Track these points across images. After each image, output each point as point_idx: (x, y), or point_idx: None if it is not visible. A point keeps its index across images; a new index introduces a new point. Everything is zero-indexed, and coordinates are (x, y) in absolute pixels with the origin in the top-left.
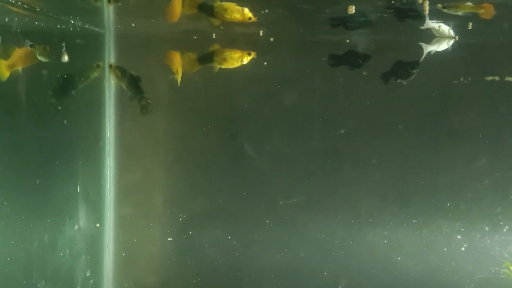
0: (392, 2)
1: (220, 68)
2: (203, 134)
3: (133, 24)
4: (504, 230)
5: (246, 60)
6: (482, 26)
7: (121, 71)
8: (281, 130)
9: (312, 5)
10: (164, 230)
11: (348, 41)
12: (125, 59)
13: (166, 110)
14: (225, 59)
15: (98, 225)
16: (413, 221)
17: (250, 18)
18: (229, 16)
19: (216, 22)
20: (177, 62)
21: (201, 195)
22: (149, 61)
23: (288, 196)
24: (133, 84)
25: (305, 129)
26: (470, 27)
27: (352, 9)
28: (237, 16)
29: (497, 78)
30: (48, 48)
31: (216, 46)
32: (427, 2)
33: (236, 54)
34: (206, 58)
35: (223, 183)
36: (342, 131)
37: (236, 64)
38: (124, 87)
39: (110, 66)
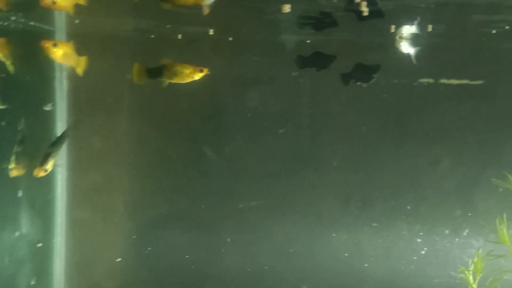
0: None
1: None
2: (164, 136)
3: (77, 21)
4: (464, 234)
5: (198, 76)
6: (441, 28)
7: None
8: (243, 131)
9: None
10: (122, 234)
11: (308, 41)
12: None
13: (124, 110)
14: (175, 74)
15: (45, 231)
16: (374, 224)
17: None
18: None
19: (166, 6)
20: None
21: (161, 198)
22: (104, 60)
23: (250, 199)
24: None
25: (268, 131)
26: (430, 29)
27: (286, 8)
28: None
29: (431, 81)
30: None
31: (166, 60)
32: (365, 3)
33: (187, 70)
34: (155, 71)
35: (184, 186)
36: (281, 130)
37: (187, 80)
38: None
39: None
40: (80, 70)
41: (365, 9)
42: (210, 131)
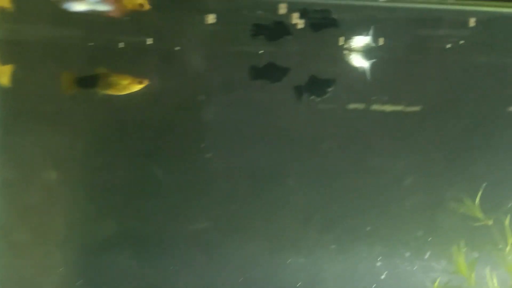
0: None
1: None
2: (109, 152)
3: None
4: (426, 257)
5: (136, 88)
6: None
7: None
8: (197, 147)
9: None
10: (64, 258)
11: (261, 51)
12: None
13: (66, 125)
14: (110, 85)
15: None
16: (332, 246)
17: None
18: None
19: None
20: None
21: (107, 219)
22: (38, 70)
23: (205, 219)
24: None
25: (223, 147)
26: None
27: (209, 19)
28: None
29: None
30: None
31: (101, 69)
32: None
33: (125, 81)
34: (88, 81)
35: (133, 206)
36: (202, 145)
37: (124, 92)
38: None
39: None
40: (4, 80)
41: (298, 21)
42: (160, 147)
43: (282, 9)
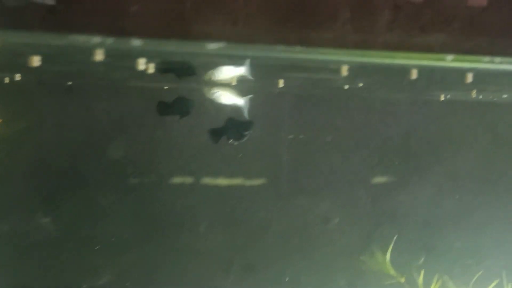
0: None
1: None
2: None
3: None
4: None
5: None
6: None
7: None
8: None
9: None
10: None
11: (166, 87)
12: None
13: None
14: None
15: None
16: None
17: None
18: None
19: None
20: None
21: None
22: None
23: (96, 277)
24: None
25: (120, 187)
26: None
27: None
28: None
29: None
30: None
31: None
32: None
33: None
34: None
35: (22, 259)
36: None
37: None
38: None
39: None
40: None
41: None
42: (53, 193)
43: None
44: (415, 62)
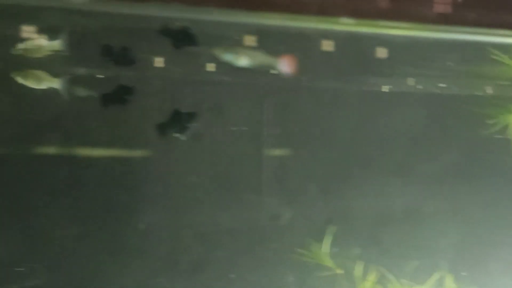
0: None
1: None
2: None
3: None
4: None
5: None
6: None
7: None
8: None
9: None
10: None
11: (102, 76)
12: None
13: None
14: None
15: None
16: None
17: None
18: None
19: None
20: None
21: None
22: None
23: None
24: None
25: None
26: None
27: None
28: None
29: None
30: None
31: None
32: None
33: None
34: None
35: None
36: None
37: None
38: None
39: None
40: None
41: None
42: None
43: None
44: None
